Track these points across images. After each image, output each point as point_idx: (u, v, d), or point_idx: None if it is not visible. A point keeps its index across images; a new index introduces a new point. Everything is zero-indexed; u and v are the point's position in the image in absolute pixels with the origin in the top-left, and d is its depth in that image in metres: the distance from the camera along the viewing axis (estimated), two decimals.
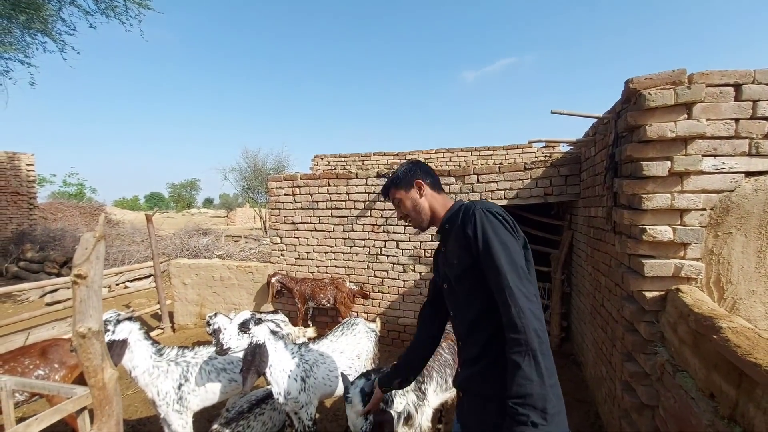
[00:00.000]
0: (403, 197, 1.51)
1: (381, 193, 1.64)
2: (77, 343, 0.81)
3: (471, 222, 1.26)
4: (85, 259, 0.78)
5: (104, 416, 0.84)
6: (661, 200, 2.05)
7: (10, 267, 9.26)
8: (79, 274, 0.77)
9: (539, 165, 3.96)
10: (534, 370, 1.07)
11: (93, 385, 0.84)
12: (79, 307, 0.79)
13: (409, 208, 1.50)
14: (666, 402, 1.92)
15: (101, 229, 0.81)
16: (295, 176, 4.92)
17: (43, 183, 23.13)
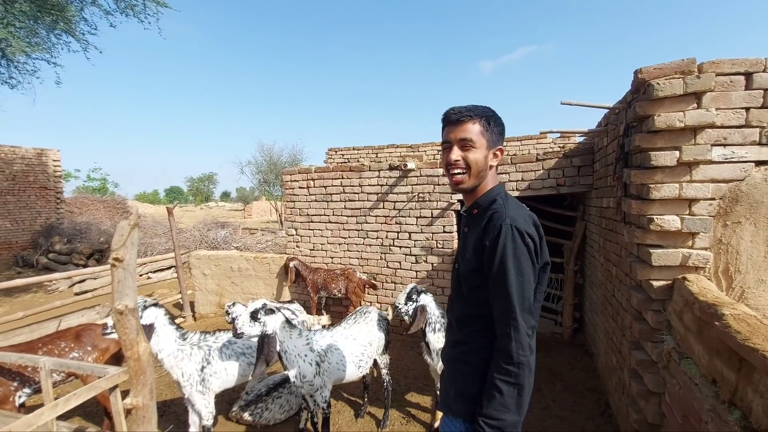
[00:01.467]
0: (480, 147, 1.26)
1: (462, 109, 1.28)
2: (116, 319, 0.91)
3: (493, 234, 1.18)
4: (122, 244, 0.88)
5: (139, 385, 0.94)
6: (670, 190, 2.06)
7: (40, 258, 9.69)
8: (116, 257, 0.87)
9: (552, 156, 3.96)
10: (515, 402, 1.12)
11: (129, 357, 0.94)
12: (117, 287, 0.89)
13: (472, 161, 1.26)
14: (672, 388, 1.95)
15: (135, 218, 0.91)
16: (309, 169, 5.02)
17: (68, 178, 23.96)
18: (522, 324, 1.13)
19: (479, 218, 1.29)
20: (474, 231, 1.29)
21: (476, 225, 1.29)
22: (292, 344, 2.34)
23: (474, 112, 1.27)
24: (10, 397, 2.42)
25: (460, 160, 1.27)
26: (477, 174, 1.28)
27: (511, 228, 1.17)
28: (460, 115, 1.27)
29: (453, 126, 1.28)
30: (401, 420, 3.02)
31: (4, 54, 5.40)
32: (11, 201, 10.47)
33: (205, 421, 2.42)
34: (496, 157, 1.31)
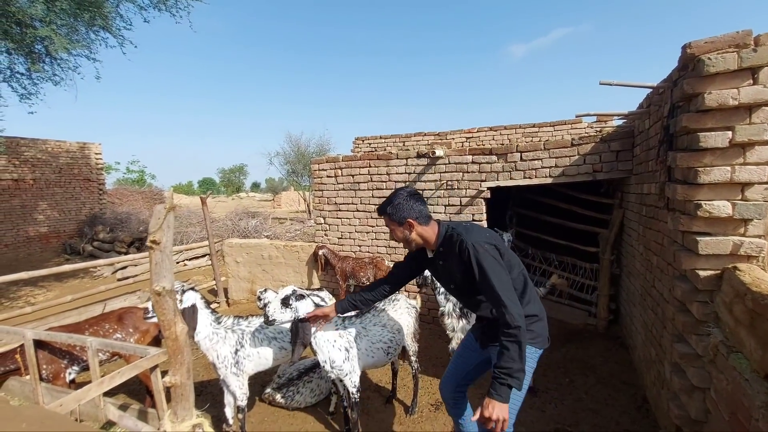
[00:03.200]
0: (395, 229, 1.87)
1: (377, 211, 1.95)
2: (154, 300, 0.94)
3: (466, 254, 1.71)
4: (158, 227, 0.90)
5: (177, 364, 0.97)
6: (720, 174, 1.92)
7: (86, 246, 10.29)
8: (154, 240, 0.89)
9: (588, 140, 3.78)
10: (518, 354, 1.57)
11: (167, 336, 0.97)
12: (155, 269, 0.92)
13: (400, 238, 1.89)
14: (718, 384, 1.85)
15: (170, 202, 0.92)
16: (337, 158, 5.04)
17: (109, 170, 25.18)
18: (507, 301, 1.61)
19: (449, 251, 1.82)
20: (451, 260, 1.82)
21: (450, 255, 1.81)
22: (322, 330, 2.37)
23: (379, 211, 1.91)
24: (61, 373, 2.59)
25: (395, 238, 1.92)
26: (410, 243, 1.90)
27: (473, 246, 1.70)
28: (378, 212, 1.93)
29: (379, 216, 1.95)
30: (429, 407, 3.03)
31: (47, 52, 5.68)
32: (58, 192, 11.13)
33: (239, 401, 2.50)
34: (410, 227, 1.84)
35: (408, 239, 1.86)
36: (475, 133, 7.30)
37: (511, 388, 1.56)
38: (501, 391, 1.55)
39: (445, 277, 1.96)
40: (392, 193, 1.89)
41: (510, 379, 1.55)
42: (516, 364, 1.56)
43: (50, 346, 2.63)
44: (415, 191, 1.92)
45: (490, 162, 4.18)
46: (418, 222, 1.83)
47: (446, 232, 1.84)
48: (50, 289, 7.40)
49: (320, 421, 2.92)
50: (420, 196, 1.92)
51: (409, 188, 1.93)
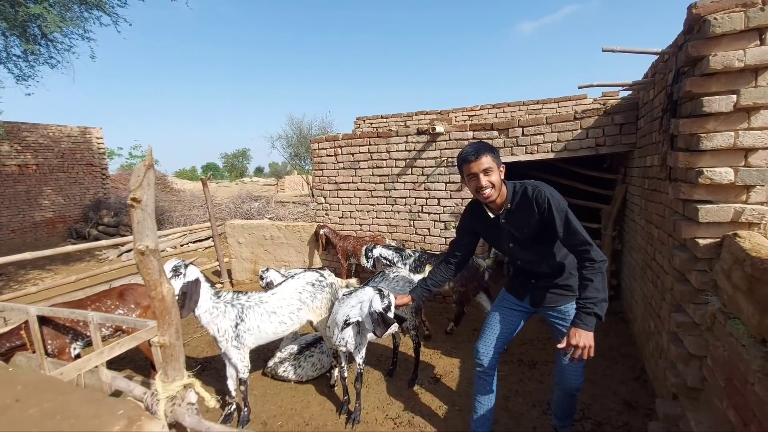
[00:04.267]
0: (495, 169, 1.83)
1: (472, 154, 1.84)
2: (137, 260, 0.94)
3: (545, 204, 1.79)
4: (138, 185, 0.88)
5: (165, 325, 0.97)
6: (723, 139, 1.87)
7: (91, 231, 10.39)
8: (134, 198, 0.88)
9: (591, 114, 3.71)
10: (602, 285, 1.73)
11: (154, 297, 0.97)
12: (137, 228, 0.91)
13: (495, 181, 1.84)
14: (715, 351, 1.85)
15: (150, 159, 0.91)
16: (337, 137, 4.99)
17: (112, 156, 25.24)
18: (591, 241, 1.76)
19: (520, 207, 1.88)
20: (520, 215, 1.88)
21: (521, 211, 1.88)
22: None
23: (484, 149, 1.84)
24: (66, 348, 2.64)
25: (487, 183, 1.82)
26: (500, 189, 1.87)
27: (551, 196, 1.80)
28: (477, 153, 1.83)
29: (473, 162, 1.83)
30: (429, 380, 3.07)
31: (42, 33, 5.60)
32: (62, 177, 11.17)
33: (241, 374, 2.55)
34: (502, 172, 1.88)
35: (499, 183, 1.86)
36: (477, 110, 7.19)
37: (596, 317, 1.70)
38: (587, 321, 1.69)
39: (505, 235, 1.98)
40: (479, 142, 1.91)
41: (596, 308, 1.69)
42: (601, 294, 1.71)
43: (54, 322, 2.67)
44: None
45: (491, 138, 4.12)
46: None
47: (515, 188, 1.89)
48: (57, 272, 7.52)
49: (321, 392, 2.97)
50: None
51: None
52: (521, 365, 3.22)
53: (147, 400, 1.00)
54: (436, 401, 2.80)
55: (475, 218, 2.09)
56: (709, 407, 1.92)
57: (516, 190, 1.89)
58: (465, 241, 2.22)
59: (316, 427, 2.57)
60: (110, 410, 0.90)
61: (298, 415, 2.70)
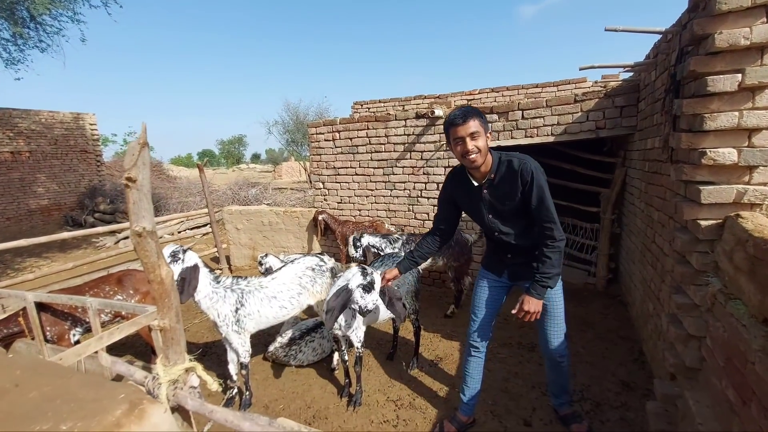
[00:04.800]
0: (482, 133, 1.82)
1: (460, 117, 1.82)
2: (135, 242, 0.91)
3: (529, 176, 1.81)
4: (133, 164, 0.85)
5: (165, 308, 0.96)
6: (727, 119, 1.85)
7: (87, 218, 10.33)
8: (129, 177, 0.85)
9: (591, 96, 3.66)
10: (558, 262, 1.89)
11: (152, 280, 0.95)
12: (133, 209, 0.88)
13: (482, 146, 1.83)
14: (714, 332, 1.85)
15: (143, 137, 0.87)
16: (335, 121, 4.92)
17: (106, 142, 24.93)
18: (557, 220, 1.86)
19: (504, 178, 1.88)
20: (504, 186, 1.89)
21: (503, 183, 1.89)
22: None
23: (472, 113, 1.83)
24: (65, 334, 2.64)
25: (473, 147, 1.81)
26: (485, 155, 1.86)
27: (536, 169, 1.84)
28: (465, 117, 1.81)
29: (460, 125, 1.81)
30: (429, 363, 3.09)
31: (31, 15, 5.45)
32: (56, 164, 11.04)
33: (242, 358, 2.56)
34: (489, 138, 1.87)
35: (485, 148, 1.85)
36: (476, 94, 7.10)
37: (546, 288, 1.91)
38: (540, 292, 1.90)
39: (486, 206, 1.99)
40: (466, 105, 1.90)
41: (549, 281, 1.88)
42: (555, 269, 1.88)
43: (52, 308, 2.66)
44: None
45: (490, 121, 4.07)
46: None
47: (500, 159, 1.90)
48: (54, 260, 7.49)
49: (323, 376, 2.99)
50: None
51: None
52: (520, 348, 3.25)
53: (148, 384, 0.99)
54: (436, 383, 2.83)
55: (456, 186, 2.08)
56: (708, 387, 1.94)
57: (501, 161, 1.89)
58: (446, 214, 2.21)
59: (317, 410, 2.59)
60: (111, 394, 0.89)
61: (299, 399, 2.72)
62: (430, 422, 2.44)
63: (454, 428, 2.29)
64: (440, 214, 2.24)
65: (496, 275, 2.18)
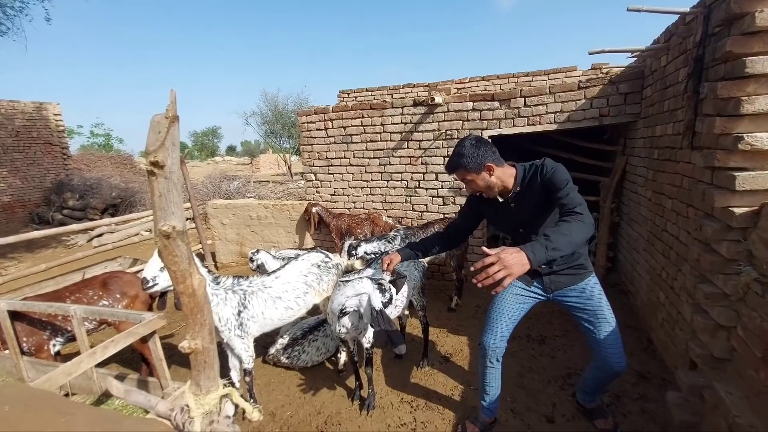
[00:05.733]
0: (475, 179, 1.80)
1: (447, 169, 1.88)
2: (161, 245, 0.72)
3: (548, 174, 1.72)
4: (160, 144, 0.66)
5: (196, 325, 0.78)
6: (765, 102, 1.78)
7: (55, 215, 9.70)
8: (155, 161, 0.66)
9: (595, 83, 3.58)
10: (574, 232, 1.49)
11: (182, 291, 0.77)
12: (159, 203, 0.69)
13: (482, 186, 1.82)
14: (749, 322, 1.80)
15: (173, 108, 0.68)
16: (327, 109, 4.69)
17: (72, 135, 23.53)
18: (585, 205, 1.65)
19: (529, 187, 1.81)
20: (529, 196, 1.81)
21: (529, 191, 1.81)
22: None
23: (452, 168, 1.84)
24: (44, 345, 2.37)
25: (472, 190, 1.89)
26: (492, 189, 1.83)
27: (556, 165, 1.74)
28: (449, 170, 1.87)
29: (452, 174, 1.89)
30: (440, 359, 2.98)
31: None
32: (18, 158, 10.30)
33: (246, 364, 2.36)
34: (489, 170, 1.78)
35: (489, 184, 1.80)
36: (466, 83, 6.98)
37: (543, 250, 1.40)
38: (535, 249, 1.39)
39: (515, 219, 1.91)
40: (458, 147, 1.81)
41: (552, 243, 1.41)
42: (566, 237, 1.45)
43: (28, 317, 2.38)
44: (479, 137, 1.84)
45: (492, 108, 3.95)
46: (496, 164, 1.78)
47: (525, 171, 1.83)
48: (22, 261, 6.98)
49: (330, 377, 2.83)
50: (486, 140, 1.83)
51: (471, 136, 1.85)
52: (530, 341, 3.18)
53: (176, 418, 0.81)
54: (449, 381, 2.72)
55: (482, 202, 2.01)
56: (741, 377, 1.88)
57: (526, 174, 1.82)
58: (465, 226, 2.15)
59: (329, 416, 2.43)
60: None
61: (308, 404, 2.55)
62: (449, 423, 2.33)
63: (478, 429, 2.18)
64: (458, 225, 2.17)
65: (525, 284, 2.02)
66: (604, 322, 1.96)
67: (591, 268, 2.03)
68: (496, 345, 2.01)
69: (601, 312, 1.97)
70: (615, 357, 1.94)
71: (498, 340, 2.01)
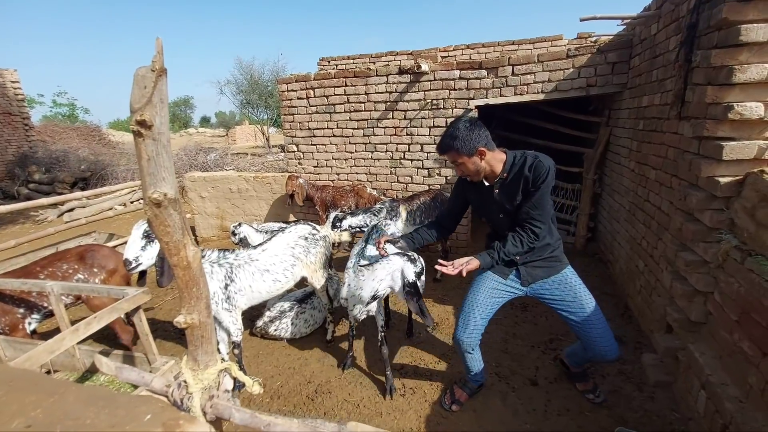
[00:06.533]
0: (466, 162, 1.79)
1: (437, 149, 1.87)
2: (152, 214, 0.66)
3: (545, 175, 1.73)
4: (147, 101, 0.59)
5: (192, 299, 0.73)
6: (756, 71, 1.78)
7: (20, 189, 9.20)
8: (141, 120, 0.58)
9: (584, 52, 3.54)
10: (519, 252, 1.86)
11: (176, 264, 0.72)
12: (148, 167, 0.62)
13: (472, 170, 1.82)
14: (727, 287, 1.87)
15: (161, 60, 0.60)
16: (308, 77, 4.50)
17: (32, 104, 22.05)
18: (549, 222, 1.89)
19: (516, 178, 1.80)
20: (515, 184, 1.80)
21: (514, 182, 1.80)
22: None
23: (443, 149, 1.82)
24: (19, 324, 2.27)
25: (461, 173, 1.89)
26: (476, 173, 1.83)
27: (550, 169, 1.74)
28: (440, 151, 1.85)
29: (443, 155, 1.87)
30: (426, 329, 3.03)
31: None
32: None
33: (234, 337, 2.33)
34: (481, 155, 1.77)
35: (479, 169, 1.80)
36: (450, 51, 6.80)
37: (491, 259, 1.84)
38: (485, 260, 1.83)
39: (497, 206, 1.91)
40: (451, 127, 1.79)
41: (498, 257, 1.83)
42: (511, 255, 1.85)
43: (0, 294, 2.26)
44: (473, 119, 1.82)
45: (479, 77, 3.87)
46: (488, 149, 1.77)
47: (515, 159, 1.81)
48: None
49: (318, 349, 2.85)
50: (480, 122, 1.80)
51: (465, 117, 1.89)
52: (513, 308, 3.26)
53: (173, 394, 0.77)
54: (436, 349, 2.78)
55: (469, 183, 1.99)
56: (715, 340, 1.98)
57: (515, 162, 1.81)
58: (455, 209, 2.14)
59: (319, 384, 2.46)
60: (132, 415, 0.67)
61: (298, 374, 2.57)
62: (438, 389, 2.39)
63: (465, 393, 2.25)
64: (448, 210, 2.17)
65: (502, 276, 2.03)
66: (588, 311, 1.95)
67: (566, 261, 2.03)
68: (470, 340, 2.04)
69: (582, 300, 1.97)
70: (606, 346, 1.96)
71: (470, 336, 2.03)
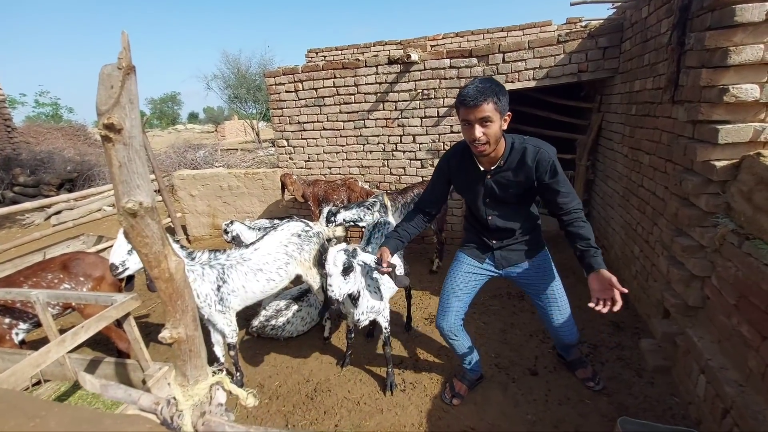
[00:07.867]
0: (497, 119, 1.55)
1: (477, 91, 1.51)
2: (127, 225, 0.62)
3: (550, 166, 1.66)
4: (114, 102, 0.53)
5: (177, 312, 0.69)
6: (751, 53, 1.75)
7: (5, 193, 8.99)
8: (109, 124, 0.53)
9: (575, 37, 3.49)
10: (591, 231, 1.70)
11: (158, 276, 0.67)
12: (120, 175, 0.57)
13: (493, 134, 1.57)
14: (724, 271, 1.86)
15: (127, 57, 0.55)
16: (296, 69, 4.41)
17: (14, 104, 21.53)
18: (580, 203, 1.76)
19: (513, 165, 1.70)
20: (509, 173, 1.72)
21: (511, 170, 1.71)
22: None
23: (488, 92, 1.50)
24: (5, 335, 2.20)
25: (482, 136, 1.56)
26: (496, 142, 1.62)
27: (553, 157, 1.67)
28: (477, 98, 1.50)
29: (471, 108, 1.52)
30: (423, 321, 3.03)
31: None
32: None
33: (229, 339, 2.30)
34: (506, 122, 1.61)
35: (498, 135, 1.60)
36: (440, 39, 6.72)
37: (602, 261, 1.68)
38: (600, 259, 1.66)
39: (486, 191, 1.80)
40: (488, 80, 1.55)
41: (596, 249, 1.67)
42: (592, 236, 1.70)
43: None
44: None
45: (469, 66, 3.81)
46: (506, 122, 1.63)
47: (514, 145, 1.70)
48: None
49: (315, 347, 2.82)
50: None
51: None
52: (510, 298, 3.25)
53: (162, 412, 0.73)
54: (434, 342, 2.76)
55: (458, 166, 1.84)
56: (713, 324, 1.98)
57: (515, 148, 1.69)
58: (438, 194, 1.99)
59: (318, 383, 2.43)
60: None
61: (296, 373, 2.54)
62: (438, 383, 2.37)
63: (465, 386, 2.24)
64: (430, 195, 1.99)
65: (478, 261, 2.01)
66: (555, 299, 2.00)
67: (543, 245, 2.02)
68: (450, 326, 2.04)
69: (552, 288, 1.99)
70: (565, 332, 2.07)
71: (450, 322, 2.04)
